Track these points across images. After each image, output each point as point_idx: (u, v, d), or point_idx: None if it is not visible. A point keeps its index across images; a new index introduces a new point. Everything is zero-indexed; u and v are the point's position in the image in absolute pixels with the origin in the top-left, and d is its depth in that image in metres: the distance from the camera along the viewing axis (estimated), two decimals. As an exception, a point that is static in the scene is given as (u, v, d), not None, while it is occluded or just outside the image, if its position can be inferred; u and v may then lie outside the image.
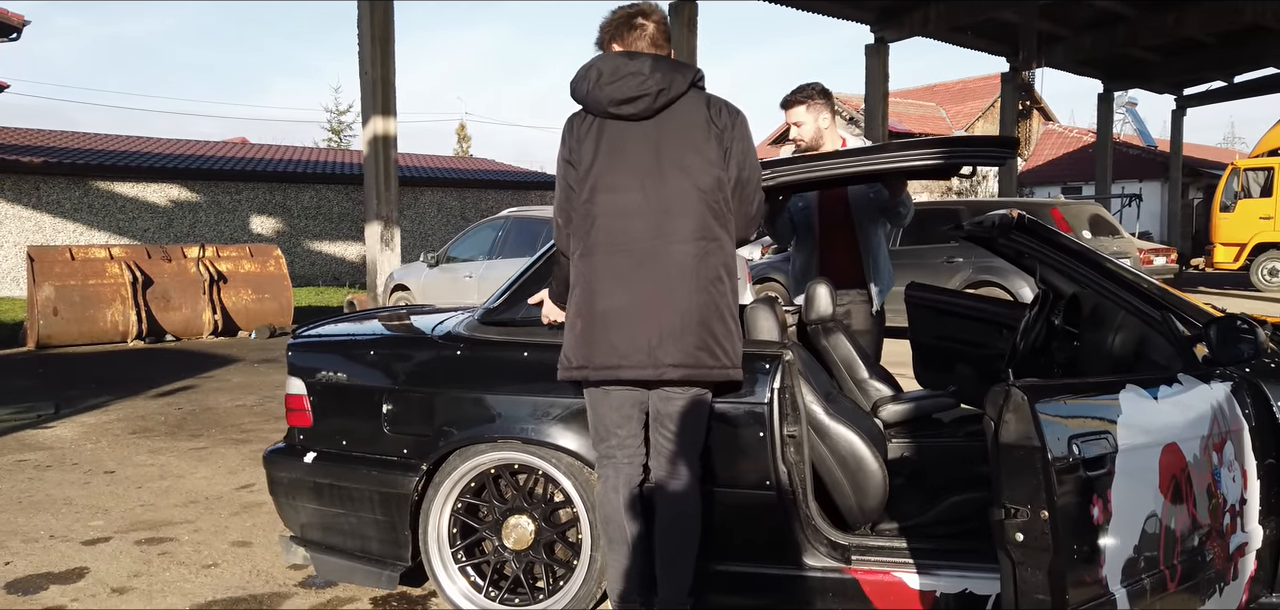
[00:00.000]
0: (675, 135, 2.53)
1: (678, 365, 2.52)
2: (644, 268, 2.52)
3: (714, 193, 2.55)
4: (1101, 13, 19.09)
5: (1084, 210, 10.85)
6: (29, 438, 5.90)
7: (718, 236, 2.57)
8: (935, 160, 2.99)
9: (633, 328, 2.52)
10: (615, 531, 2.69)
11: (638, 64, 2.52)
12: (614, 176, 2.55)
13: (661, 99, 2.52)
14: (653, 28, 2.64)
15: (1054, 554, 1.97)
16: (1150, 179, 29.89)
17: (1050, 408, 2.05)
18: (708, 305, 2.54)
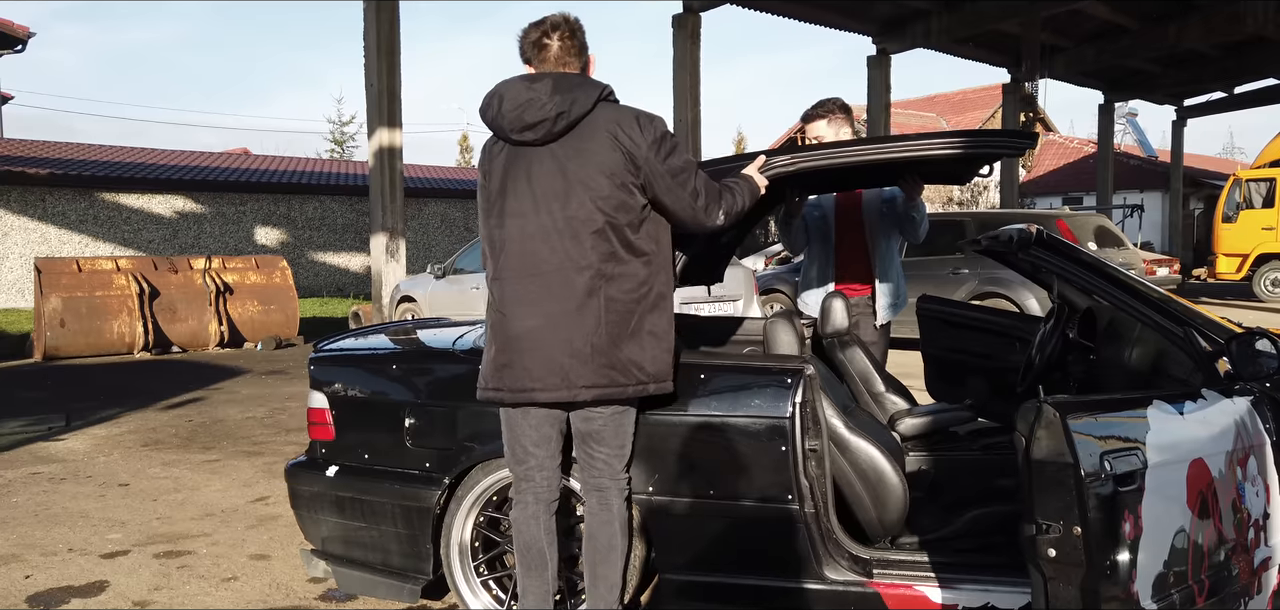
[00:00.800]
0: (580, 157, 2.52)
1: (590, 387, 2.54)
2: (552, 292, 2.54)
3: (622, 211, 2.53)
4: (1103, 24, 19.16)
5: (1089, 222, 10.88)
6: (41, 450, 5.91)
7: (631, 255, 2.57)
8: (954, 150, 3.00)
9: (545, 351, 2.54)
10: (534, 558, 2.72)
11: (538, 89, 2.52)
12: (520, 202, 2.58)
13: (562, 123, 2.51)
14: (556, 45, 2.61)
15: (1087, 569, 1.98)
16: (1151, 189, 29.94)
17: (1081, 424, 2.07)
18: (619, 324, 2.54)
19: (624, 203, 2.53)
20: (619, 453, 2.69)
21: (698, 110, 15.66)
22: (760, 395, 2.76)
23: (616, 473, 2.70)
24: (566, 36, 2.62)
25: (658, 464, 2.82)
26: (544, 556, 2.72)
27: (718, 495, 2.79)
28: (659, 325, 2.62)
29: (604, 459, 2.67)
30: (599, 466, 2.68)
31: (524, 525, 2.72)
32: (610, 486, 2.69)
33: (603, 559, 2.69)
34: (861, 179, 3.52)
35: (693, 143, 15.62)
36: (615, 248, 2.54)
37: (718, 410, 2.78)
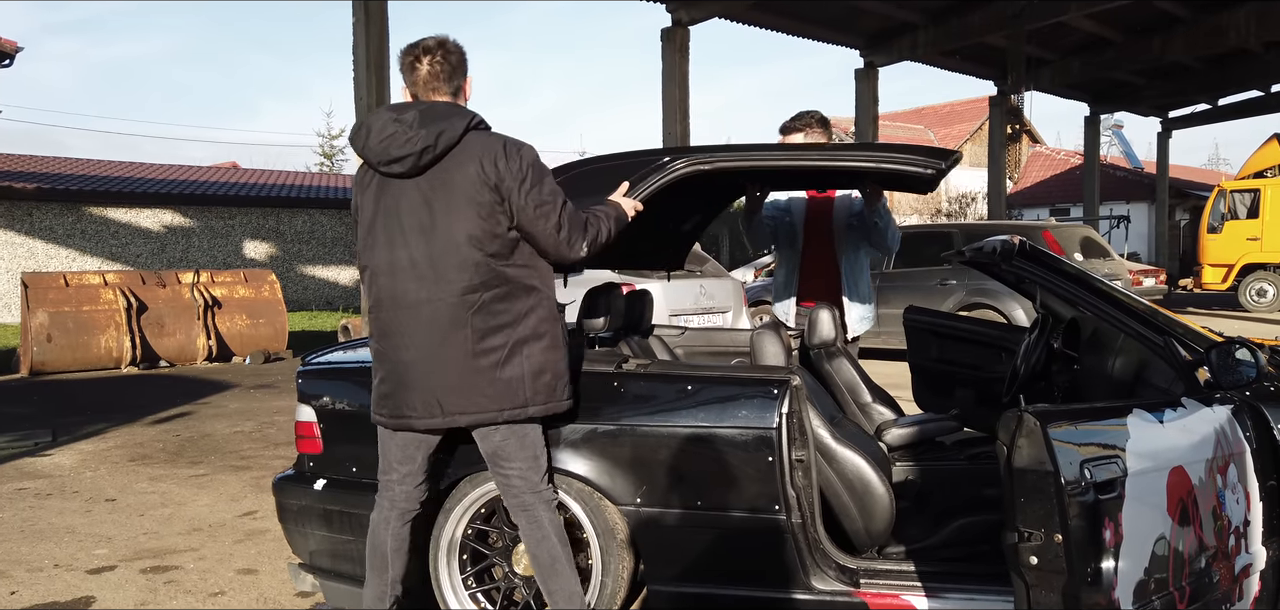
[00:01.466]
0: (446, 189, 2.53)
1: (465, 413, 2.59)
2: (423, 323, 2.57)
3: (491, 241, 2.54)
4: (1088, 37, 19.34)
5: (1075, 233, 10.97)
6: (27, 465, 5.88)
7: (502, 283, 2.58)
8: (867, 163, 3.02)
9: (420, 381, 2.59)
10: (377, 560, 2.81)
11: (404, 122, 2.52)
12: (389, 234, 2.60)
13: (427, 157, 2.52)
14: (426, 69, 2.62)
15: (1068, 576, 2.01)
16: (1137, 200, 30.16)
17: (1062, 433, 2.09)
18: (491, 352, 2.57)
19: (492, 232, 2.55)
20: (533, 466, 2.71)
21: (687, 123, 15.72)
22: (747, 406, 2.78)
23: (536, 486, 2.71)
24: (437, 60, 2.62)
25: (645, 475, 2.83)
26: (386, 561, 2.80)
27: (705, 506, 2.80)
28: (536, 349, 2.63)
29: (518, 474, 2.69)
30: (516, 484, 2.70)
31: (375, 528, 2.81)
32: (534, 502, 2.71)
33: (550, 574, 2.73)
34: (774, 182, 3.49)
35: (682, 155, 15.63)
36: (485, 277, 2.56)
37: (705, 421, 2.80)
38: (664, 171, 3.02)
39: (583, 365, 3.08)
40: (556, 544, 2.72)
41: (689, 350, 4.23)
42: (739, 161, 3.09)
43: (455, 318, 2.55)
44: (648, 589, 2.96)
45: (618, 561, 2.87)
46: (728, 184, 4.00)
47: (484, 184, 2.51)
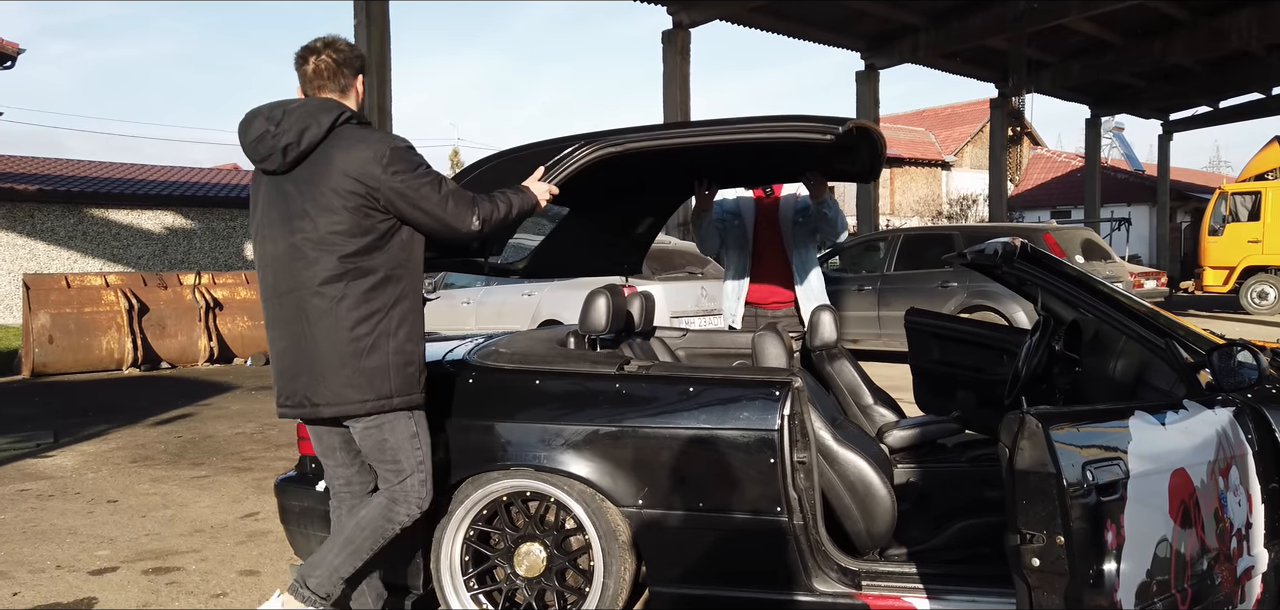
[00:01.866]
0: (313, 184, 2.61)
1: (328, 404, 2.67)
2: (293, 314, 2.67)
3: (358, 234, 2.61)
4: (1089, 40, 19.35)
5: (1076, 235, 10.97)
6: (29, 467, 5.89)
7: (366, 276, 2.64)
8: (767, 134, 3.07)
9: (291, 370, 2.70)
10: None
11: (273, 120, 2.61)
12: (268, 228, 2.70)
13: (292, 153, 2.60)
14: (311, 67, 2.72)
15: (1070, 578, 2.01)
16: (1138, 203, 30.17)
17: (1064, 434, 2.10)
18: (352, 346, 2.63)
19: (359, 225, 2.61)
20: (391, 469, 2.77)
21: (688, 125, 15.71)
22: (749, 408, 2.78)
23: (392, 486, 2.78)
24: (323, 59, 2.71)
25: (647, 477, 2.84)
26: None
27: (707, 508, 2.81)
28: (399, 343, 2.70)
29: (382, 473, 2.79)
30: (382, 476, 2.80)
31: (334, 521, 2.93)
32: (398, 499, 2.78)
33: (333, 545, 2.79)
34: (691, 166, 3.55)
35: (683, 157, 15.65)
36: (351, 269, 2.63)
37: (707, 423, 2.80)
38: (574, 157, 3.08)
39: (585, 367, 3.09)
40: (361, 534, 2.77)
41: (690, 352, 4.24)
42: (646, 141, 3.13)
43: (321, 309, 2.63)
44: (650, 591, 2.97)
45: (620, 563, 2.88)
46: (677, 184, 4.10)
47: (349, 177, 2.58)
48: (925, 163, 35.02)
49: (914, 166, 34.71)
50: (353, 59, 2.76)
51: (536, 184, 3.01)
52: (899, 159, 33.58)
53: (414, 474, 2.78)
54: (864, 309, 10.66)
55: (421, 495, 2.79)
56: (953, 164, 35.54)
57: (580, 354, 3.39)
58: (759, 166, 4.02)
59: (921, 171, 35.03)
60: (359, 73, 2.78)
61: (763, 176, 4.20)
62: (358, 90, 2.78)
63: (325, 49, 2.72)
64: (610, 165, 3.21)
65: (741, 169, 4.02)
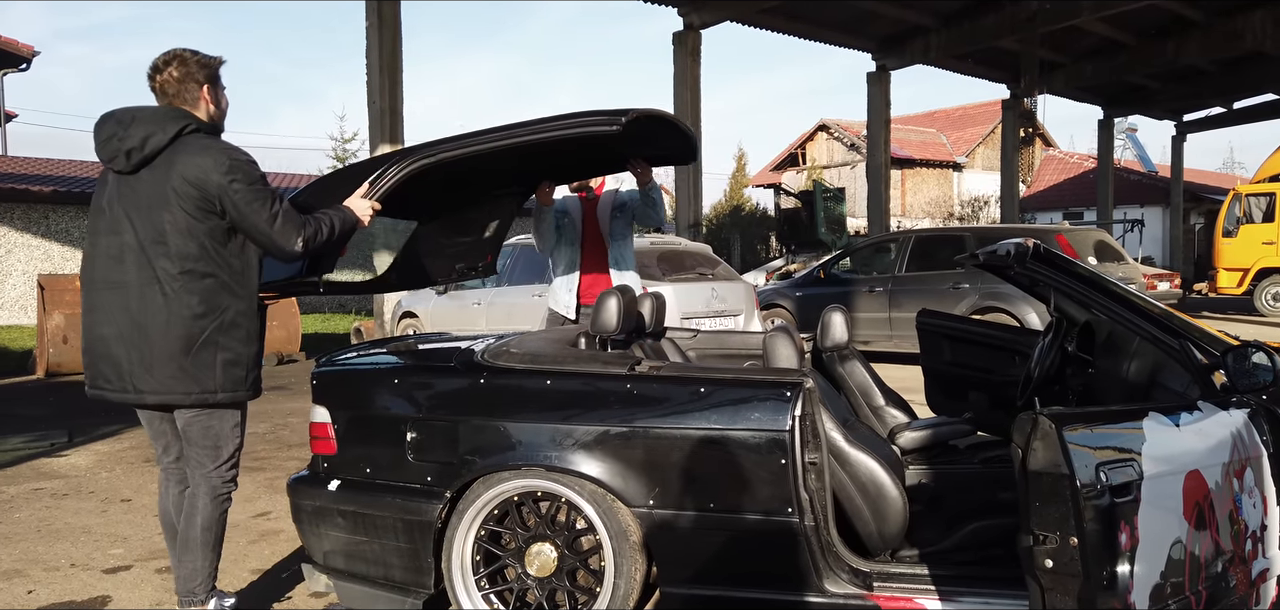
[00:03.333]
0: (156, 186, 2.80)
1: (153, 393, 2.87)
2: (126, 305, 2.85)
3: (195, 236, 2.82)
4: (1102, 40, 19.27)
5: (1089, 236, 10.91)
6: (44, 466, 5.93)
7: (201, 278, 2.84)
8: (562, 131, 3.23)
9: (116, 357, 2.88)
10: (168, 531, 3.16)
11: (122, 124, 2.82)
12: (110, 221, 2.88)
13: (136, 157, 2.80)
14: (160, 80, 2.91)
15: (1084, 580, 2.00)
16: (1151, 204, 30.00)
17: (1077, 435, 2.09)
18: (181, 340, 2.84)
19: (196, 229, 2.82)
20: (209, 452, 3.00)
21: (698, 126, 15.72)
22: (760, 409, 2.77)
23: (206, 470, 3.00)
24: (171, 70, 2.90)
25: (657, 478, 2.84)
26: (173, 530, 3.11)
27: (718, 509, 2.80)
28: (228, 343, 2.91)
29: (195, 457, 3.00)
30: (191, 459, 3.02)
31: (159, 502, 3.17)
32: (200, 483, 3.01)
33: (183, 549, 3.02)
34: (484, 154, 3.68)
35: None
36: (186, 270, 2.82)
37: (718, 424, 2.80)
38: (391, 172, 3.21)
39: (596, 367, 3.10)
40: (200, 529, 3.00)
41: (701, 352, 4.24)
42: (456, 151, 3.25)
43: (156, 304, 2.82)
44: (660, 591, 2.96)
45: (630, 564, 2.88)
46: (522, 186, 4.36)
47: (188, 182, 2.78)
48: (936, 164, 34.92)
49: (925, 168, 34.61)
50: (197, 72, 2.92)
51: (358, 201, 3.15)
52: (910, 160, 33.49)
53: (228, 460, 3.04)
54: (875, 310, 10.63)
55: (233, 477, 3.08)
56: (964, 165, 35.42)
57: (591, 354, 3.40)
58: (589, 161, 4.27)
59: (933, 173, 34.93)
60: (206, 83, 2.93)
61: (595, 170, 4.52)
62: (207, 100, 2.94)
63: (169, 65, 2.90)
64: (442, 175, 3.44)
65: (573, 165, 4.28)
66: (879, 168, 18.82)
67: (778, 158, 37.75)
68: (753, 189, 37.07)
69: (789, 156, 37.05)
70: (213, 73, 2.97)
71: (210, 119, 2.96)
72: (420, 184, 3.41)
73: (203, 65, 2.93)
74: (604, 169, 4.47)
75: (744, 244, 29.38)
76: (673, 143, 3.96)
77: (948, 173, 35.30)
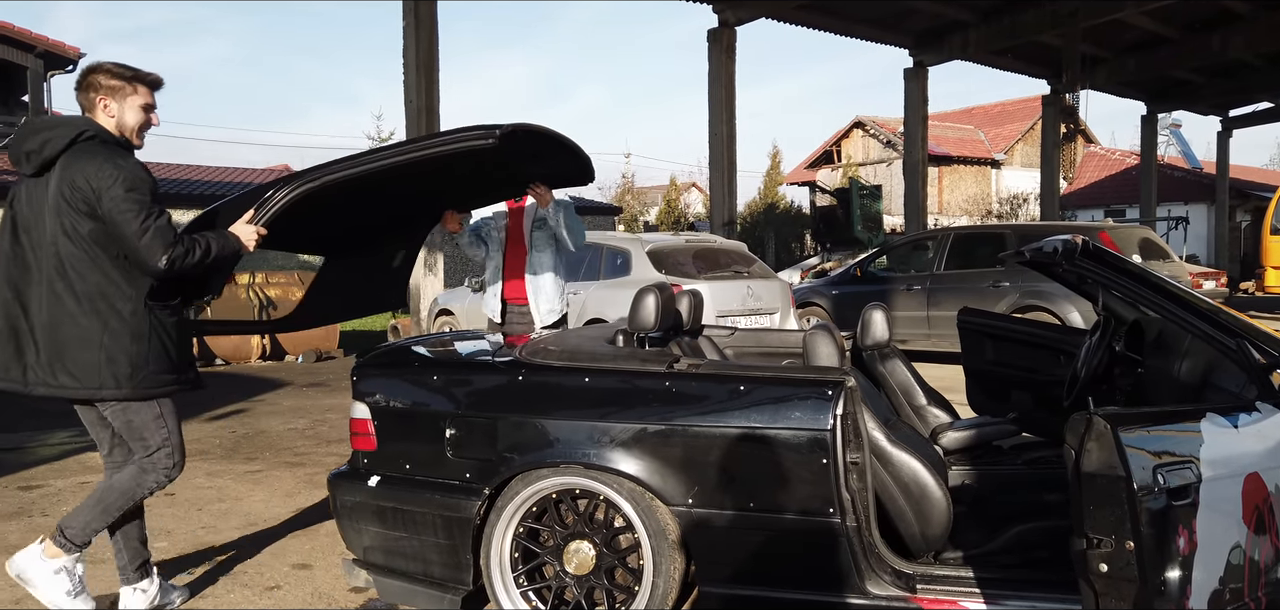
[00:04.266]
0: (50, 188, 2.96)
1: (44, 384, 3.00)
2: (27, 300, 3.01)
3: (77, 240, 2.94)
4: (1145, 34, 18.89)
5: (1133, 234, 10.69)
6: (89, 460, 6.03)
7: (91, 279, 2.96)
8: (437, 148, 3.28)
9: (15, 350, 3.02)
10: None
11: (31, 129, 3.00)
12: (17, 219, 3.04)
13: (35, 159, 2.98)
14: (77, 93, 3.09)
15: (1140, 585, 1.95)
16: (1196, 201, 29.37)
17: (1133, 437, 2.03)
18: (74, 336, 2.97)
19: (81, 230, 2.94)
20: (138, 444, 3.13)
21: (733, 124, 15.67)
22: (801, 407, 2.74)
23: (138, 458, 3.15)
24: (83, 83, 3.07)
25: (697, 476, 2.81)
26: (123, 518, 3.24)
27: (758, 508, 2.77)
28: (122, 343, 3.00)
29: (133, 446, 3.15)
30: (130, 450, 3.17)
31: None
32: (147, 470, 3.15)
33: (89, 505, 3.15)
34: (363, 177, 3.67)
35: (728, 156, 15.62)
36: (73, 269, 2.95)
37: (758, 422, 2.77)
38: (276, 198, 3.25)
39: (634, 365, 3.08)
40: (112, 494, 3.14)
41: (738, 351, 4.21)
42: (338, 174, 3.27)
43: (53, 299, 2.96)
44: (699, 590, 2.94)
45: (669, 562, 2.86)
46: (423, 213, 4.46)
47: (76, 187, 2.92)
48: (974, 161, 34.49)
49: (963, 165, 34.20)
50: (101, 82, 3.05)
51: (243, 227, 3.19)
52: (947, 157, 33.11)
53: (160, 449, 3.14)
54: (913, 309, 10.50)
55: (168, 467, 3.17)
56: (1002, 162, 34.94)
57: (629, 352, 3.38)
58: (490, 183, 4.34)
59: (970, 170, 34.49)
60: (106, 95, 3.05)
61: (498, 193, 4.62)
62: (109, 112, 3.06)
63: (83, 75, 3.08)
64: (344, 203, 3.53)
65: (476, 189, 4.40)
66: (916, 164, 18.62)
67: (813, 155, 37.51)
68: (787, 187, 36.88)
69: (824, 154, 36.80)
70: (118, 86, 3.07)
71: (117, 132, 3.07)
72: (320, 213, 3.53)
73: (97, 77, 3.06)
74: (505, 192, 4.57)
75: (778, 242, 29.22)
76: (568, 164, 4.01)
77: (986, 170, 34.84)
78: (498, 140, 3.17)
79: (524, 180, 4.30)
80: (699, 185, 40.01)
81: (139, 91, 3.11)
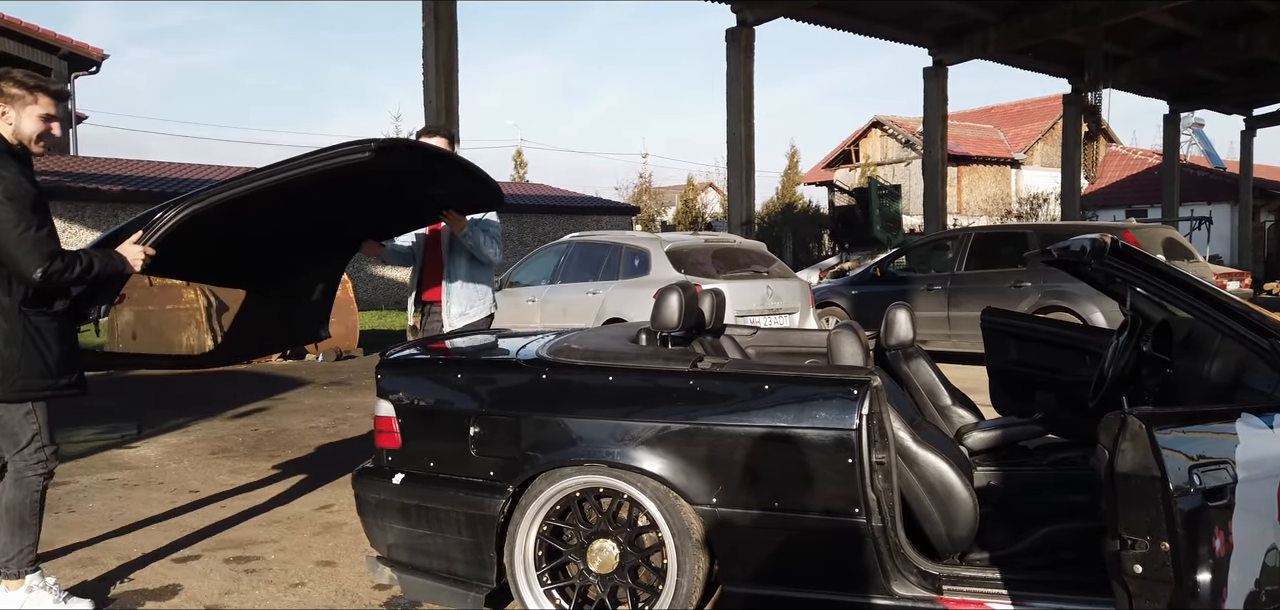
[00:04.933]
0: None
1: None
2: None
3: None
4: (1167, 33, 18.72)
5: (1158, 233, 10.59)
6: (115, 457, 6.09)
7: None
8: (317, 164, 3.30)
9: None
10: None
11: None
12: None
13: None
14: None
15: (1175, 586, 1.92)
16: (1219, 201, 29.07)
17: (1168, 437, 2.01)
18: None
19: None
20: (8, 441, 3.17)
21: (751, 124, 15.63)
22: (826, 407, 2.73)
23: (11, 455, 3.17)
24: None
25: (721, 475, 2.81)
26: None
27: (782, 508, 2.76)
28: None
29: (4, 445, 3.18)
30: (4, 448, 3.20)
31: None
32: (23, 469, 3.17)
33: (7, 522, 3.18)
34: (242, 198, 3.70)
35: (746, 155, 15.59)
36: None
37: (782, 421, 2.76)
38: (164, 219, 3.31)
39: (658, 363, 3.07)
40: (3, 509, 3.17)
41: (761, 350, 4.19)
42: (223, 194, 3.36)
43: None
44: (722, 589, 2.94)
45: (693, 561, 2.85)
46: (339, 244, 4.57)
47: None
48: (994, 161, 34.27)
49: (982, 165, 33.99)
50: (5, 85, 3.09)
51: (130, 247, 3.24)
52: (966, 157, 32.91)
53: (30, 445, 3.17)
54: (933, 309, 10.44)
55: (42, 459, 3.19)
56: (1022, 162, 34.70)
57: (653, 351, 3.38)
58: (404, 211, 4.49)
59: (990, 170, 34.28)
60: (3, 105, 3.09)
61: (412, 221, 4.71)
62: (7, 117, 3.08)
63: None
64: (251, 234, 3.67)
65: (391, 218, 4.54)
66: (936, 164, 18.52)
67: (830, 154, 37.38)
68: (805, 187, 36.77)
69: (842, 153, 36.66)
70: (19, 95, 3.10)
71: (14, 139, 3.10)
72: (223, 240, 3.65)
73: (14, 84, 3.09)
74: (422, 219, 4.68)
75: (796, 242, 29.15)
76: (475, 188, 4.13)
77: (1005, 169, 34.61)
78: (373, 154, 3.24)
79: (436, 206, 4.40)
80: (716, 185, 39.94)
81: (40, 101, 3.14)
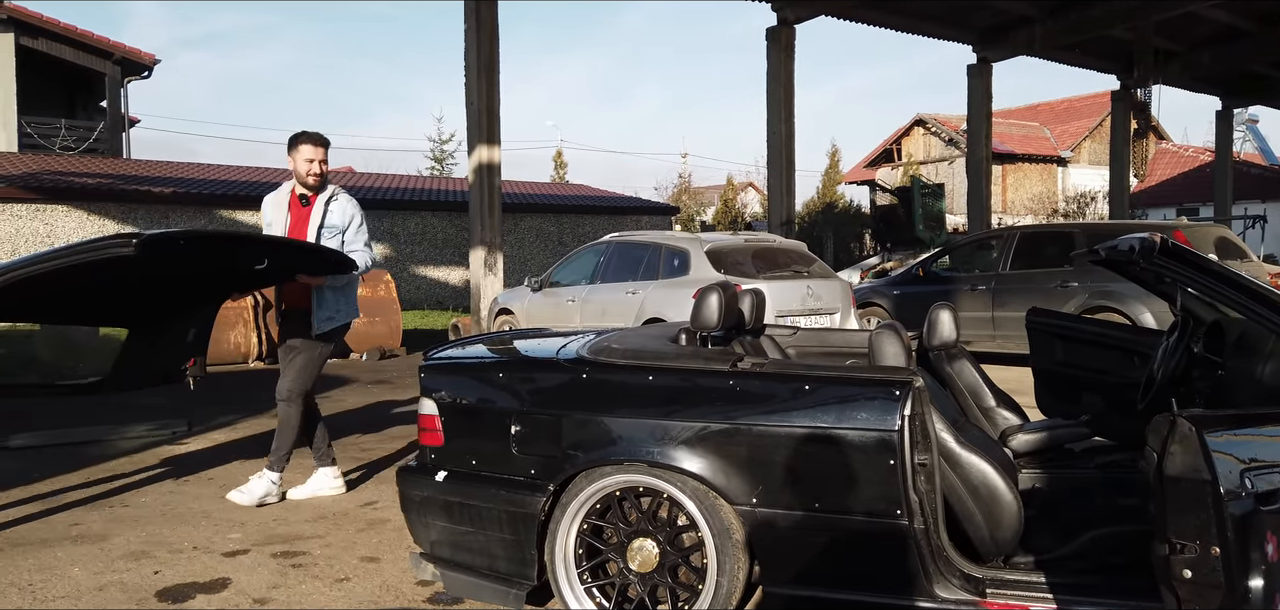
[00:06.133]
0: None
1: None
2: None
3: None
4: (1220, 27, 18.28)
5: (1210, 232, 10.34)
6: (166, 453, 6.24)
7: None
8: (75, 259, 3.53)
9: None
10: None
11: None
12: None
13: None
14: None
15: (1226, 592, 1.88)
16: (1274, 199, 28.33)
17: (1218, 440, 1.97)
18: None
19: None
20: None
21: (791, 123, 15.56)
22: (867, 408, 2.71)
23: None
24: None
25: (761, 476, 2.80)
26: None
27: (824, 509, 2.75)
28: None
29: None
30: None
31: None
32: None
33: None
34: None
35: (786, 155, 15.51)
36: None
37: (824, 422, 2.75)
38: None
39: (698, 363, 3.08)
40: None
41: (801, 350, 4.18)
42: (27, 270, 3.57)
43: None
44: (763, 590, 2.93)
45: (733, 562, 2.85)
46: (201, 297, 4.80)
47: None
48: (1039, 159, 33.73)
49: (1027, 163, 33.47)
50: None
51: None
52: (1011, 155, 32.43)
53: None
54: (977, 309, 10.30)
55: None
56: (1069, 160, 34.10)
57: (692, 351, 3.38)
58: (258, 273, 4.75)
59: (1035, 168, 33.74)
60: None
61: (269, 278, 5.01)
62: None
63: None
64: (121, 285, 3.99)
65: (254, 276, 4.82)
66: (980, 162, 18.28)
67: (872, 153, 37.05)
68: (846, 186, 36.49)
69: (884, 152, 36.32)
70: None
71: None
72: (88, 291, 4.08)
73: None
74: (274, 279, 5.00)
75: (837, 241, 28.93)
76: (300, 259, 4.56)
77: (1051, 168, 34.04)
78: (136, 251, 3.39)
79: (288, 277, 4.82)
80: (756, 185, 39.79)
81: None
